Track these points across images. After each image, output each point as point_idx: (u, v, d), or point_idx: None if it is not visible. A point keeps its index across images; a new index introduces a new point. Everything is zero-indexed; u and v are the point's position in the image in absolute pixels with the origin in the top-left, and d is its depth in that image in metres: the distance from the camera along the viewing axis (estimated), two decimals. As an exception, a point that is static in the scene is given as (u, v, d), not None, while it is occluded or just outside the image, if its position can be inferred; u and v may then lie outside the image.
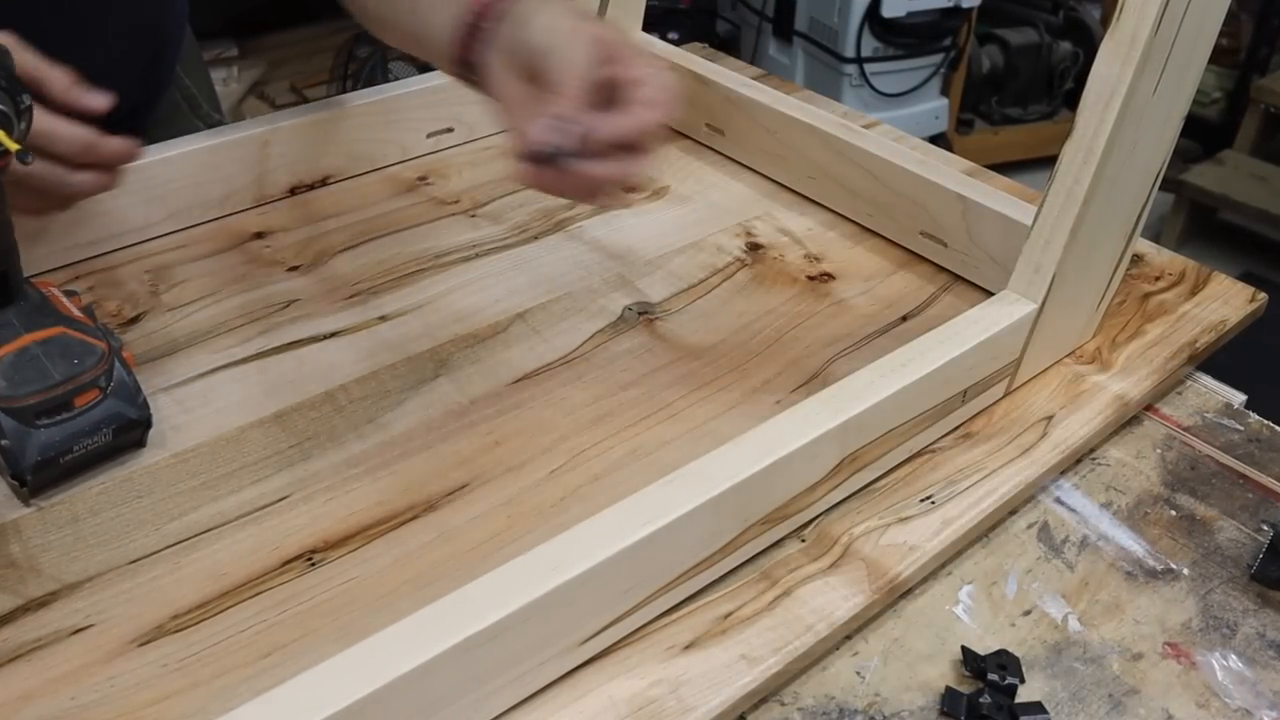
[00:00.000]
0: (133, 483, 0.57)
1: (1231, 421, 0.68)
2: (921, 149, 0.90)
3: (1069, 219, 0.60)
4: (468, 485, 0.58)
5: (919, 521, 0.57)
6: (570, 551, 0.45)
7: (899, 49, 2.49)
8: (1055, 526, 0.60)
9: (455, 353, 0.68)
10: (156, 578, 0.52)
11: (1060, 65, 2.80)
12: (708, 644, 0.50)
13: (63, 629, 0.50)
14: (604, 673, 0.49)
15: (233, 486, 0.57)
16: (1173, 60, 0.57)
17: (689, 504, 0.48)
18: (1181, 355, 0.69)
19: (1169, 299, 0.75)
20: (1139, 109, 0.58)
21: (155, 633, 0.50)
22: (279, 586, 0.52)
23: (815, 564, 0.55)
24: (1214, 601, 0.56)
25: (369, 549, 0.54)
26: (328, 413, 0.63)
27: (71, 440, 0.55)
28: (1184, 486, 0.63)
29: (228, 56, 2.35)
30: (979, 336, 0.59)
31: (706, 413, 0.64)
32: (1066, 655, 0.53)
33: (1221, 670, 0.52)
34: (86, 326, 0.57)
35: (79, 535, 0.54)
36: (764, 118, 0.85)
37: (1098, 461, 0.64)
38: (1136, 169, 0.62)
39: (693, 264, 0.77)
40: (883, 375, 0.56)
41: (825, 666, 0.52)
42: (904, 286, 0.76)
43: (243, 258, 0.76)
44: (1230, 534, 0.60)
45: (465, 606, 0.43)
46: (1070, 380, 0.67)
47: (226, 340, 0.68)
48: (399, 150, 0.87)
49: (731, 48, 2.71)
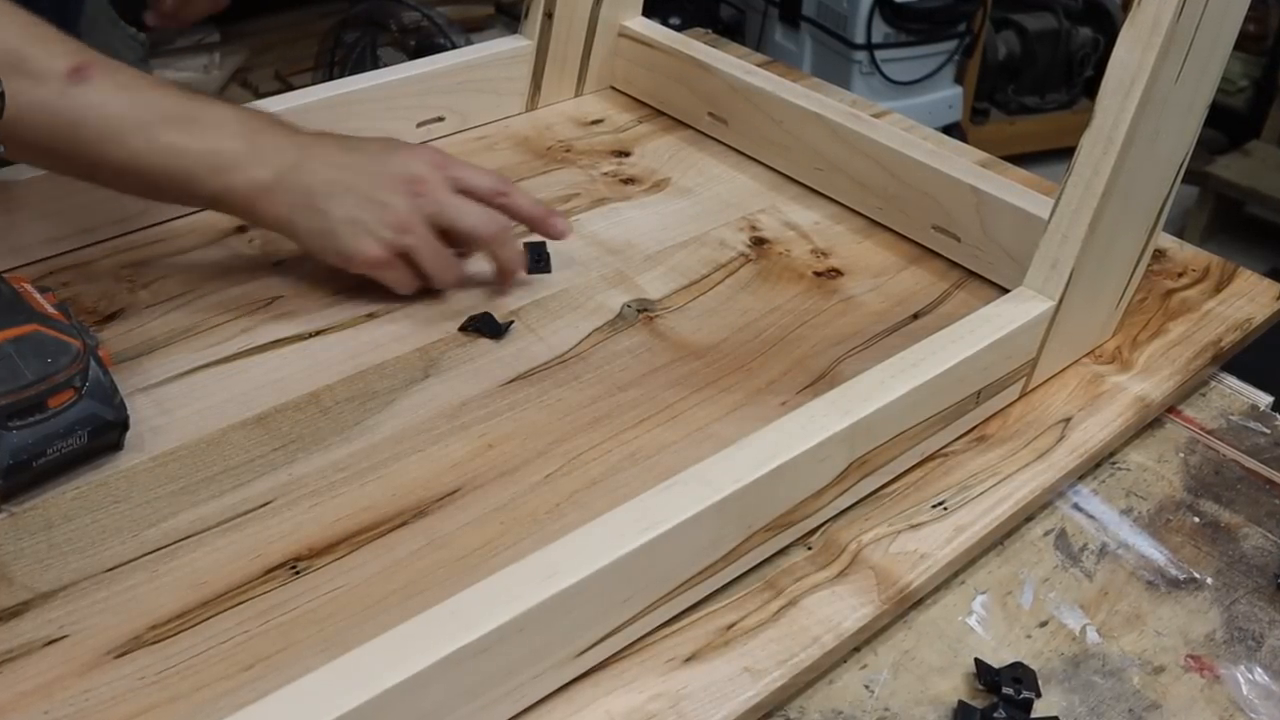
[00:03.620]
0: (109, 487, 0.57)
1: (1257, 424, 0.68)
2: (934, 139, 0.90)
3: (1088, 212, 0.60)
4: (459, 490, 0.58)
5: (930, 528, 0.57)
6: (566, 559, 0.45)
7: (911, 35, 2.49)
8: (1073, 534, 0.60)
9: (446, 352, 0.68)
10: (133, 586, 0.52)
11: (1079, 52, 2.80)
12: (709, 656, 0.50)
13: (35, 640, 0.50)
14: (601, 686, 0.49)
15: (213, 491, 0.58)
16: (1196, 46, 0.57)
17: (690, 510, 0.48)
18: (1205, 355, 0.69)
19: (1192, 296, 0.75)
20: (1161, 98, 0.58)
21: (132, 644, 0.50)
22: (261, 596, 0.52)
23: (822, 573, 0.55)
24: (1239, 612, 0.56)
25: (355, 557, 0.54)
26: (313, 414, 0.63)
27: (45, 443, 0.55)
28: (1208, 492, 0.63)
29: (209, 42, 2.34)
30: (993, 335, 0.59)
31: (708, 414, 0.64)
32: (1085, 668, 0.53)
33: (1247, 684, 0.52)
34: (61, 324, 0.57)
35: (52, 542, 0.54)
36: (769, 107, 0.85)
37: (1117, 466, 0.64)
38: (1158, 160, 0.62)
39: (694, 259, 0.77)
40: (893, 375, 0.56)
41: (832, 680, 0.52)
42: (915, 283, 0.76)
43: (224, 253, 0.76)
44: (1256, 542, 0.60)
45: (456, 617, 0.43)
46: (1089, 381, 0.67)
47: (207, 339, 0.68)
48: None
49: (736, 33, 2.70)
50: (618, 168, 0.87)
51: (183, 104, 0.64)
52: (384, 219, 0.66)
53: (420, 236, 0.67)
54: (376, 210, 0.66)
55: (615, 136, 0.92)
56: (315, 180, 0.65)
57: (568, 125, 0.93)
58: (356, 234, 0.66)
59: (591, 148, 0.90)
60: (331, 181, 0.65)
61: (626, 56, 0.96)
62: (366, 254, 0.66)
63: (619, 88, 0.98)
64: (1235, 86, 2.85)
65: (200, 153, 0.63)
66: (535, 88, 0.93)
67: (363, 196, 0.66)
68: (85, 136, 0.61)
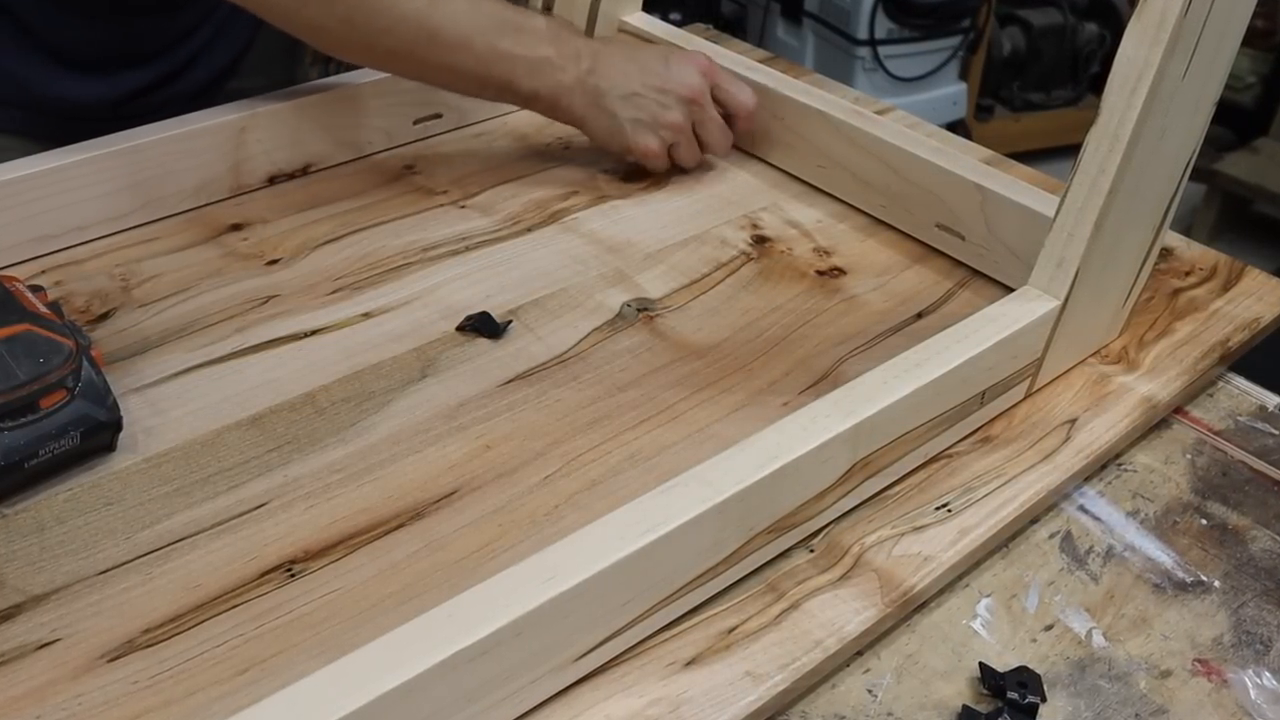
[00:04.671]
0: (102, 489, 0.58)
1: (1266, 425, 0.68)
2: (938, 136, 0.90)
3: (1094, 211, 0.60)
4: (456, 492, 0.58)
5: (934, 530, 0.57)
6: (565, 562, 0.45)
7: (915, 30, 2.49)
8: (1079, 536, 0.60)
9: (443, 351, 0.68)
10: (127, 589, 0.52)
11: (1085, 48, 2.80)
12: (710, 660, 0.50)
13: (27, 643, 0.50)
14: (600, 691, 0.49)
15: (208, 493, 0.58)
16: (1204, 42, 0.57)
17: (691, 512, 0.48)
18: (1213, 355, 0.69)
19: (1200, 295, 0.75)
20: (1168, 94, 0.58)
21: (125, 647, 0.50)
22: (257, 599, 0.52)
23: (824, 575, 0.55)
24: (1247, 616, 0.56)
25: (352, 559, 0.54)
26: (308, 415, 0.63)
27: (37, 444, 0.55)
28: (1215, 494, 0.63)
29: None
30: (998, 335, 0.59)
31: (709, 415, 0.64)
32: (1091, 672, 0.53)
33: (1255, 689, 0.52)
34: (53, 323, 0.57)
35: (45, 544, 0.54)
36: (771, 103, 0.85)
37: (1124, 467, 0.64)
38: (1165, 158, 0.62)
39: (695, 258, 0.77)
40: (896, 376, 0.56)
41: (835, 684, 0.52)
42: (919, 282, 0.76)
43: (219, 251, 0.76)
44: (1264, 544, 0.60)
45: (453, 620, 0.43)
46: (1095, 381, 0.67)
47: (201, 338, 0.68)
48: (384, 137, 0.87)
49: (737, 29, 2.71)
50: (617, 165, 0.87)
51: (509, 13, 0.77)
52: (662, 120, 0.81)
53: (686, 136, 0.83)
54: (656, 112, 0.81)
55: (615, 133, 0.92)
56: (606, 84, 0.80)
57: (567, 122, 0.93)
58: (638, 131, 0.81)
59: (591, 145, 0.90)
60: (619, 85, 0.80)
61: (626, 52, 0.96)
62: (647, 148, 0.82)
63: (619, 84, 0.98)
64: (1243, 83, 2.85)
65: (523, 58, 0.77)
66: (534, 84, 0.93)
67: (646, 100, 0.81)
68: (443, 41, 0.75)
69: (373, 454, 0.60)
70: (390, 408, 0.63)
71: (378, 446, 0.61)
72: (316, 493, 0.58)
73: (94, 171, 0.73)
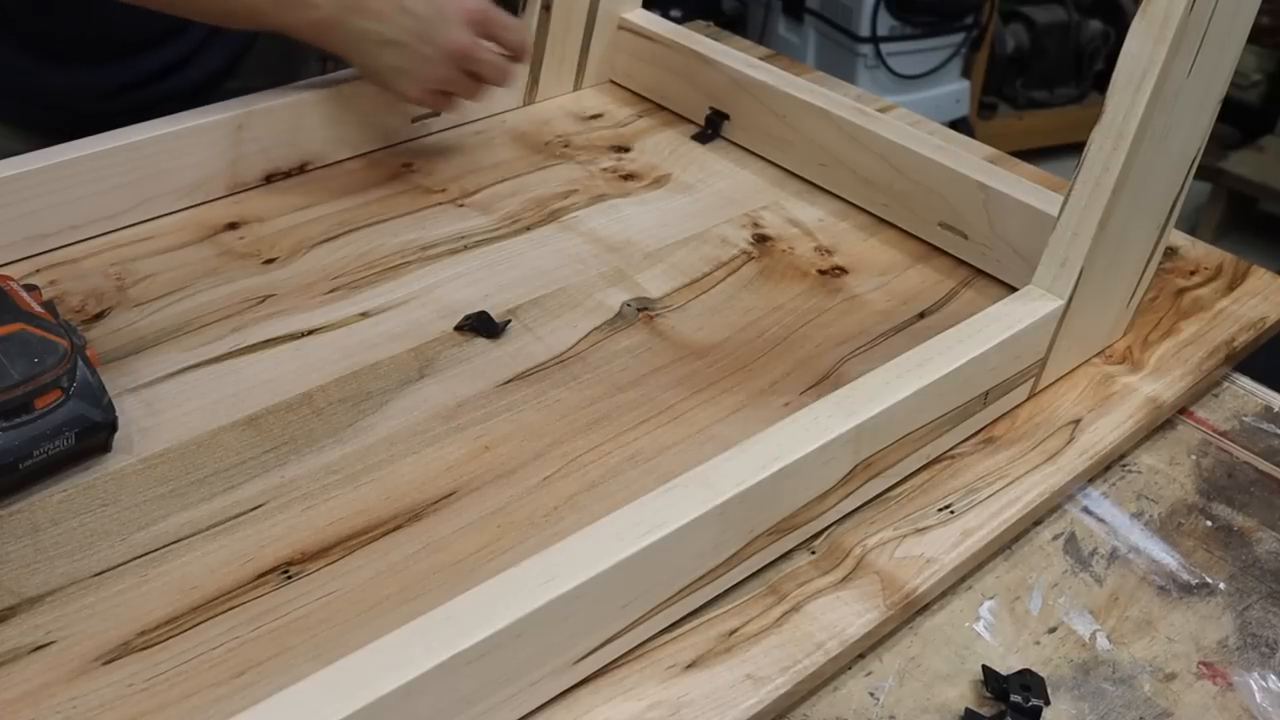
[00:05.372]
0: (97, 490, 0.57)
1: (1271, 426, 0.68)
2: (941, 134, 0.90)
3: (1098, 209, 0.60)
4: (455, 493, 0.58)
5: (937, 532, 0.57)
6: (564, 563, 0.45)
7: (917, 28, 2.49)
8: (1083, 538, 0.60)
9: (441, 351, 0.68)
10: (122, 591, 0.52)
11: (1089, 45, 2.80)
12: (711, 663, 0.50)
13: (21, 646, 0.50)
14: (600, 694, 0.49)
15: (204, 494, 0.58)
16: (1209, 39, 0.57)
17: (691, 513, 0.48)
18: (1218, 355, 0.69)
19: (1205, 295, 0.75)
20: (1173, 92, 0.58)
21: (120, 650, 0.50)
22: (253, 601, 0.52)
23: (826, 577, 0.55)
24: (1252, 618, 0.56)
25: (349, 561, 0.54)
26: (305, 415, 0.63)
27: (31, 444, 0.55)
28: (1220, 495, 0.63)
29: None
30: (1001, 335, 0.59)
31: (710, 416, 0.64)
32: (1095, 675, 0.53)
33: (1260, 692, 0.52)
34: (48, 323, 0.57)
35: (39, 546, 0.54)
36: (772, 101, 0.85)
37: (1128, 468, 0.64)
38: (1170, 156, 0.62)
39: (696, 257, 0.77)
40: (899, 376, 0.56)
41: (837, 687, 0.52)
42: (921, 281, 0.76)
43: (215, 250, 0.76)
44: (1270, 546, 0.60)
45: (452, 622, 0.43)
46: (1099, 381, 0.67)
47: (197, 338, 0.68)
48: (382, 135, 0.87)
49: (738, 26, 2.71)
50: (617, 163, 0.87)
51: None
52: (426, 73, 0.78)
53: (457, 84, 0.80)
54: (419, 64, 0.78)
55: (615, 131, 0.92)
56: (367, 25, 0.77)
57: (566, 120, 0.93)
58: (400, 79, 0.79)
59: (590, 143, 0.90)
60: (379, 30, 0.77)
61: (626, 49, 0.96)
62: (408, 95, 0.80)
63: (618, 81, 0.98)
64: (1249, 80, 2.85)
65: None
66: (533, 81, 0.94)
67: (409, 50, 0.78)
68: None
69: (370, 455, 0.60)
70: (388, 408, 0.63)
71: (375, 447, 0.61)
72: (314, 494, 0.58)
73: (89, 169, 0.73)
